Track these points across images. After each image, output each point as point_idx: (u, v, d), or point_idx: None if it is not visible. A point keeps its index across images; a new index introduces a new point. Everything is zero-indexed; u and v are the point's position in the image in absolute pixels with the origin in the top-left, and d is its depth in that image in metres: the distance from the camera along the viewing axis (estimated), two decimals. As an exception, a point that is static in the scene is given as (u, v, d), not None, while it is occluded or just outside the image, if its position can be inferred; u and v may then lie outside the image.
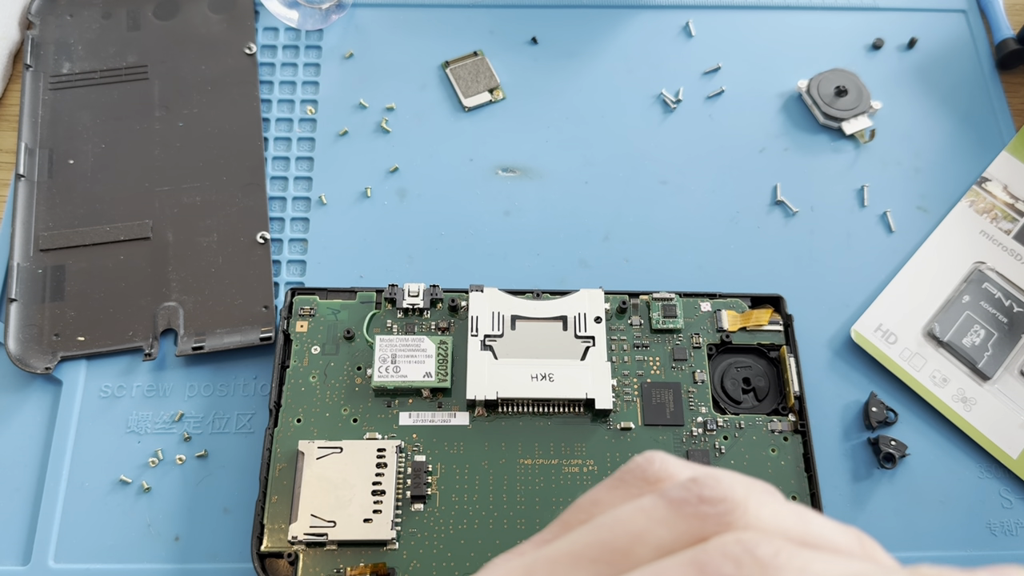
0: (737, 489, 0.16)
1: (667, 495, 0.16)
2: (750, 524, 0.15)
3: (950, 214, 0.45)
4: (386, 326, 0.39)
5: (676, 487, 0.16)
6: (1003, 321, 0.41)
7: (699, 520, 0.15)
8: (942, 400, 0.40)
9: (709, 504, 0.16)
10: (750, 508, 0.16)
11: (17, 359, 0.39)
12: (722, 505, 0.15)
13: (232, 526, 0.37)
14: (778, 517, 0.16)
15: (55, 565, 0.36)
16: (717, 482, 0.16)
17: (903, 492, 0.38)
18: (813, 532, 0.16)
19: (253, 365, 0.40)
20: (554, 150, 0.46)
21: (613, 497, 0.18)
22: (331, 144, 0.46)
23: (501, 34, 0.49)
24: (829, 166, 0.46)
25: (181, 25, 0.48)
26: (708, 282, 0.43)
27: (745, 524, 0.15)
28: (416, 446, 0.36)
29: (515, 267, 0.43)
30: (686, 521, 0.15)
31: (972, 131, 0.47)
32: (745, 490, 0.16)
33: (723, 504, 0.15)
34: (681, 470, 0.18)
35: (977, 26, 0.51)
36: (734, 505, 0.15)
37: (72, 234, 0.42)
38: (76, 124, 0.45)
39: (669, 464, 0.18)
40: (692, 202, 0.45)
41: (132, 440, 0.38)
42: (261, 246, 0.42)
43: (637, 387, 0.38)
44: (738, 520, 0.15)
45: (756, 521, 0.15)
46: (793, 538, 0.15)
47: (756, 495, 0.16)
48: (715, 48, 0.49)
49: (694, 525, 0.15)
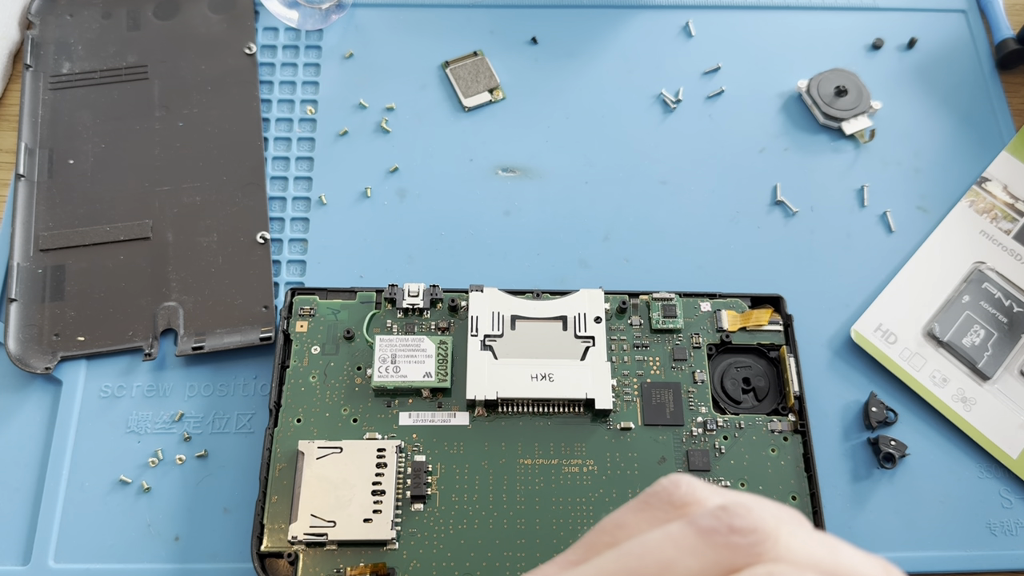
0: (768, 519, 0.16)
1: (696, 523, 0.16)
2: (780, 556, 0.15)
3: (950, 214, 0.45)
4: (386, 326, 0.39)
5: (706, 515, 0.16)
6: (1003, 321, 0.41)
7: (729, 551, 0.15)
8: (942, 400, 0.40)
9: (740, 535, 0.15)
10: (781, 539, 0.15)
11: (17, 359, 0.39)
12: (753, 536, 0.15)
13: (232, 526, 0.37)
14: (808, 548, 0.16)
15: (55, 565, 0.36)
16: (748, 511, 0.16)
17: (903, 492, 0.38)
18: (843, 563, 0.16)
19: (253, 365, 0.40)
20: (554, 150, 0.46)
21: (639, 520, 0.17)
22: (331, 144, 0.46)
23: (501, 34, 0.49)
24: (829, 166, 0.46)
25: (181, 25, 0.48)
26: (708, 282, 0.43)
27: (776, 556, 0.15)
28: (416, 446, 0.36)
29: (515, 267, 0.43)
30: (716, 551, 0.15)
31: (972, 131, 0.47)
32: (776, 520, 0.16)
33: (754, 535, 0.15)
34: (709, 495, 0.17)
35: (977, 26, 0.51)
36: (765, 536, 0.15)
37: (72, 234, 0.42)
38: (76, 124, 0.45)
39: (696, 488, 0.17)
40: (692, 202, 0.45)
41: (132, 440, 0.38)
42: (261, 246, 0.42)
43: (637, 387, 0.38)
44: (769, 551, 0.15)
45: (787, 552, 0.15)
46: (823, 570, 0.15)
47: (786, 525, 0.16)
48: (715, 48, 0.49)
49: (724, 555, 0.15)
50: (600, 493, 0.36)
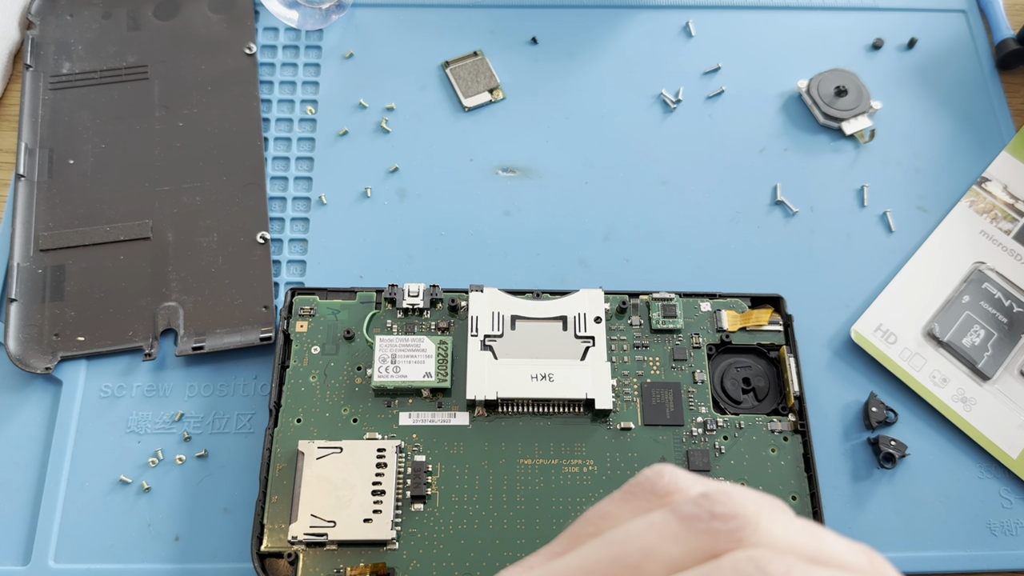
0: (748, 506, 0.16)
1: (678, 510, 0.16)
2: (761, 541, 0.15)
3: (950, 214, 0.45)
4: (386, 326, 0.39)
5: (687, 502, 0.16)
6: (1003, 321, 0.41)
7: (710, 536, 0.15)
8: (942, 400, 0.40)
9: (721, 520, 0.15)
10: (762, 525, 0.16)
11: (17, 359, 0.39)
12: (733, 521, 0.15)
13: (232, 526, 0.37)
14: (789, 534, 0.16)
15: (55, 565, 0.36)
16: (729, 498, 0.16)
17: (903, 492, 0.38)
18: (824, 549, 0.16)
19: (253, 365, 0.40)
20: (554, 150, 0.46)
21: (623, 510, 0.18)
22: (331, 144, 0.46)
23: (501, 34, 0.49)
24: (829, 166, 0.46)
25: (181, 25, 0.48)
26: (708, 282, 0.43)
27: (757, 541, 0.15)
28: (416, 446, 0.36)
29: (515, 267, 0.43)
30: (697, 537, 0.15)
31: (972, 131, 0.47)
32: (756, 507, 0.16)
33: (735, 520, 0.15)
34: (692, 484, 0.17)
35: (977, 26, 0.51)
36: (745, 521, 0.15)
37: (72, 234, 0.42)
38: (76, 124, 0.45)
39: (679, 478, 0.18)
40: (692, 202, 0.45)
41: (132, 440, 0.38)
42: (261, 246, 0.42)
43: (637, 387, 0.38)
44: (749, 537, 0.15)
45: (768, 538, 0.15)
46: (805, 555, 0.15)
47: (767, 512, 0.16)
48: (715, 48, 0.49)
49: (705, 541, 0.15)
50: (600, 493, 0.36)
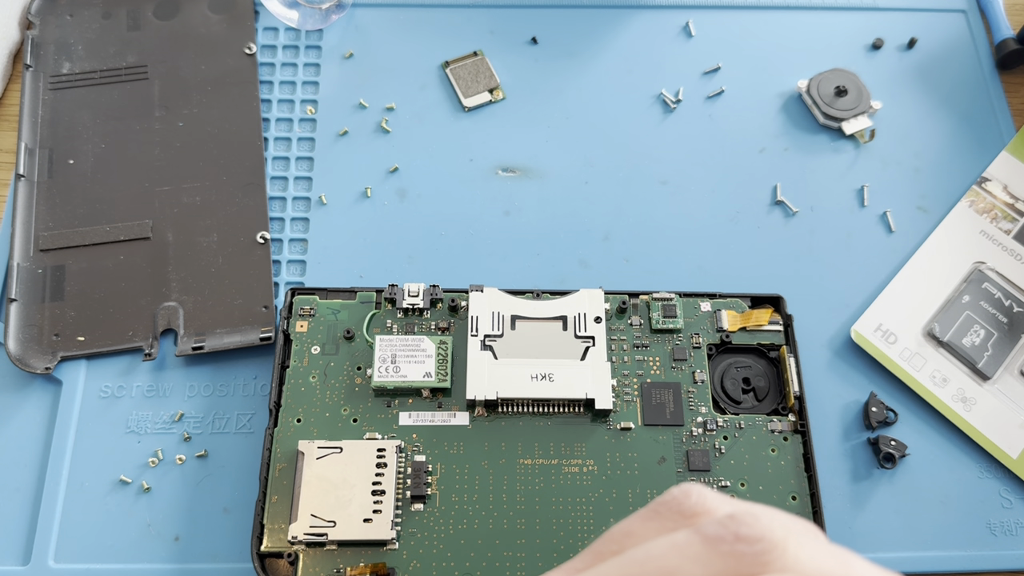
0: (776, 529, 0.15)
1: (703, 531, 0.15)
2: (788, 566, 0.15)
3: (950, 214, 0.45)
4: (386, 326, 0.39)
5: (713, 523, 0.15)
6: (1003, 321, 0.41)
7: (735, 559, 0.15)
8: (942, 400, 0.40)
9: (746, 543, 0.15)
10: (789, 549, 0.15)
11: (17, 359, 0.39)
12: (759, 544, 0.15)
13: (232, 526, 0.37)
14: (817, 560, 0.15)
15: (55, 565, 0.36)
16: (756, 520, 0.15)
17: (903, 492, 0.38)
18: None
19: (253, 365, 0.40)
20: (554, 150, 0.46)
21: (647, 529, 0.17)
22: (331, 144, 0.46)
23: (501, 34, 0.49)
24: (829, 166, 0.46)
25: (181, 25, 0.48)
26: (708, 282, 0.43)
27: (783, 566, 0.15)
28: (416, 446, 0.36)
29: (515, 267, 0.43)
30: (722, 560, 0.15)
31: (972, 131, 0.47)
32: (784, 530, 0.15)
33: (760, 544, 0.15)
34: (719, 505, 0.17)
35: (977, 26, 0.51)
36: (772, 545, 0.15)
37: (72, 234, 0.42)
38: (76, 124, 0.45)
39: (707, 498, 0.17)
40: (692, 202, 0.45)
41: (132, 440, 0.38)
42: (261, 246, 0.42)
43: (637, 387, 0.38)
44: (775, 561, 0.15)
45: (795, 563, 0.15)
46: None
47: (796, 536, 0.15)
48: (715, 48, 0.49)
49: (730, 564, 0.15)
50: (600, 493, 0.36)
